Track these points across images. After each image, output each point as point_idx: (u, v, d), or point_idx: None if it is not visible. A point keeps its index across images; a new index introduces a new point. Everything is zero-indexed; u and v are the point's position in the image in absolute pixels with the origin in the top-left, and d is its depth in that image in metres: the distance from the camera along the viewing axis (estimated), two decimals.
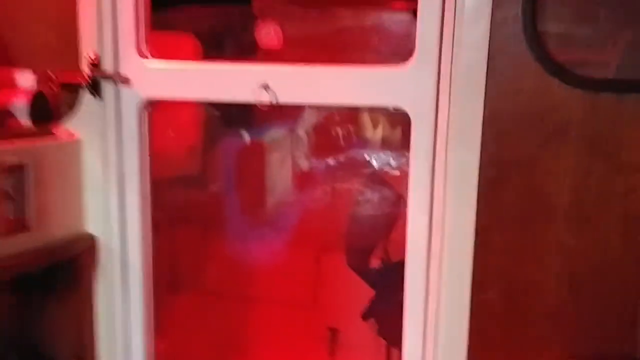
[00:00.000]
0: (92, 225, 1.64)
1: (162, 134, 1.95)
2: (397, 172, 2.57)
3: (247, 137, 2.80)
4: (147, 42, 1.55)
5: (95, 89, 1.57)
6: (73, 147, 1.60)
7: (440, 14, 1.32)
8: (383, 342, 2.37)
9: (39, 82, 1.59)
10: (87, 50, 1.56)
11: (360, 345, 2.49)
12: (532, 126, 1.27)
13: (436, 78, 1.34)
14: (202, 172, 2.72)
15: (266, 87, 1.45)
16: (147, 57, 1.55)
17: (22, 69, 1.60)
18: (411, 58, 1.36)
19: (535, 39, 1.24)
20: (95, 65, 1.55)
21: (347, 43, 2.52)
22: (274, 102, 1.45)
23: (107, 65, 1.56)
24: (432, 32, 1.33)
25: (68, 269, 1.59)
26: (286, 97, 1.45)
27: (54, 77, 1.58)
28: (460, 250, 1.34)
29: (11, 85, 1.60)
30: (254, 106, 2.60)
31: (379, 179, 2.58)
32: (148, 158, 1.62)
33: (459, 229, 1.34)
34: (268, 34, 1.68)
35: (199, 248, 2.68)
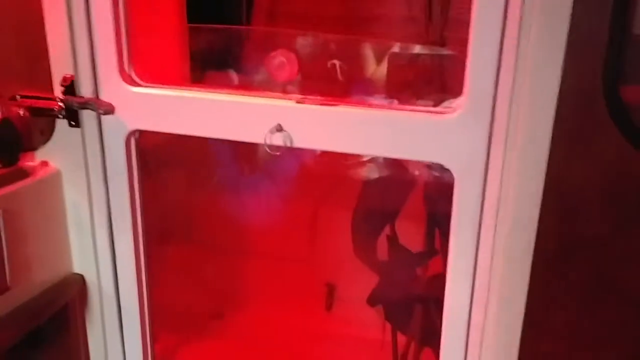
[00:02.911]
0: (80, 264, 1.44)
1: None
2: None
3: (234, 76, 2.50)
4: (132, 63, 1.28)
5: (71, 115, 1.31)
6: (51, 181, 1.36)
7: (497, 56, 1.06)
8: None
9: (3, 107, 1.32)
10: (59, 71, 1.28)
11: (358, 301, 2.41)
12: (608, 204, 1.05)
13: (488, 132, 1.10)
14: None
15: (279, 129, 1.20)
16: (133, 82, 1.28)
17: None
18: (457, 105, 1.11)
19: (618, 102, 1.00)
20: (69, 88, 1.29)
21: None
22: (288, 145, 1.21)
23: (85, 90, 1.29)
24: (487, 76, 1.07)
25: (57, 317, 1.41)
26: (303, 141, 1.21)
27: (21, 100, 1.32)
28: (507, 332, 1.17)
29: None
30: (240, 37, 2.31)
31: None
32: (139, 189, 1.40)
33: (506, 307, 1.16)
34: (281, 64, 1.39)
35: (190, 200, 2.50)
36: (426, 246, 2.15)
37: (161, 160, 2.15)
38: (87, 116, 1.32)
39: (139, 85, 1.29)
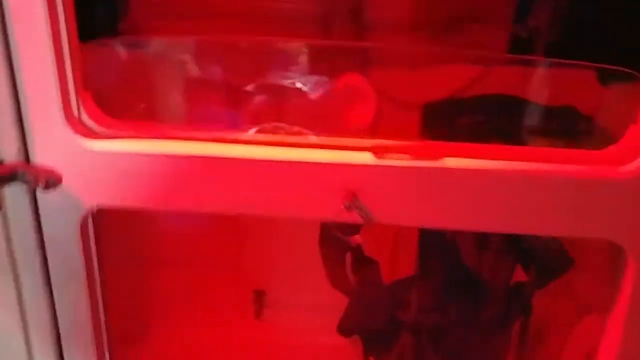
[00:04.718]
0: None
1: None
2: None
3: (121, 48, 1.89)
4: (82, 101, 0.77)
5: None
6: None
7: None
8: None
9: None
10: None
11: (288, 307, 2.12)
12: None
13: None
14: None
15: (354, 201, 0.75)
16: (89, 132, 0.77)
17: None
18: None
19: None
20: None
21: None
22: (365, 222, 0.77)
23: (7, 151, 0.77)
24: None
25: None
26: (387, 215, 0.77)
27: None
28: None
29: None
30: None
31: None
32: (101, 292, 0.89)
33: None
34: (351, 93, 0.89)
35: None
36: (416, 269, 1.78)
37: None
38: (13, 192, 0.79)
39: (98, 136, 0.78)
